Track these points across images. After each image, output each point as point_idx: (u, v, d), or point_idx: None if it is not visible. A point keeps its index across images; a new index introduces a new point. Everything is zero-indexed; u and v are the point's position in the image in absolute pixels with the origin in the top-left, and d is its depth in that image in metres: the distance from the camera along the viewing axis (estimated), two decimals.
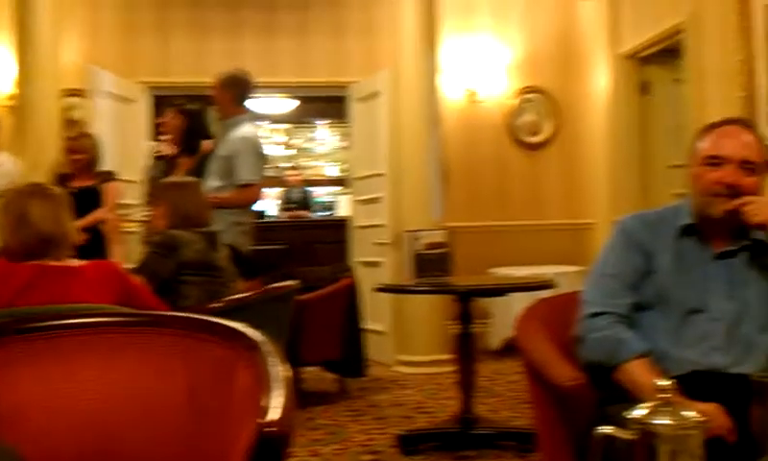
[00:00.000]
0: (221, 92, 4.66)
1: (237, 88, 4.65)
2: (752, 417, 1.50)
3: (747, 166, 2.04)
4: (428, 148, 5.90)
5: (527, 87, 7.07)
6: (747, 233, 2.09)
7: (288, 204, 9.58)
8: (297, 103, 10.14)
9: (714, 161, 2.06)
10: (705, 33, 4.91)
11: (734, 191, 2.03)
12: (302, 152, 11.47)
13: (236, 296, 3.37)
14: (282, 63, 6.84)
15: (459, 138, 6.88)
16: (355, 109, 6.78)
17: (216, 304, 3.11)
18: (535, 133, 7.11)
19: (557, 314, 2.37)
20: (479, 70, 6.92)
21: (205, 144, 4.76)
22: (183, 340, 1.62)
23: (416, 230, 4.31)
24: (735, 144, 2.06)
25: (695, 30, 5.03)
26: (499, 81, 7.02)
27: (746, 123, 2.22)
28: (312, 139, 11.52)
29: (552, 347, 2.13)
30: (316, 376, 5.56)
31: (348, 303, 5.17)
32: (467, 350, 4.00)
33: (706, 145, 2.11)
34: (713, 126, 2.17)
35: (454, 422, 4.05)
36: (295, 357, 4.66)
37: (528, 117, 7.09)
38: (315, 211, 9.85)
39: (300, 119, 11.11)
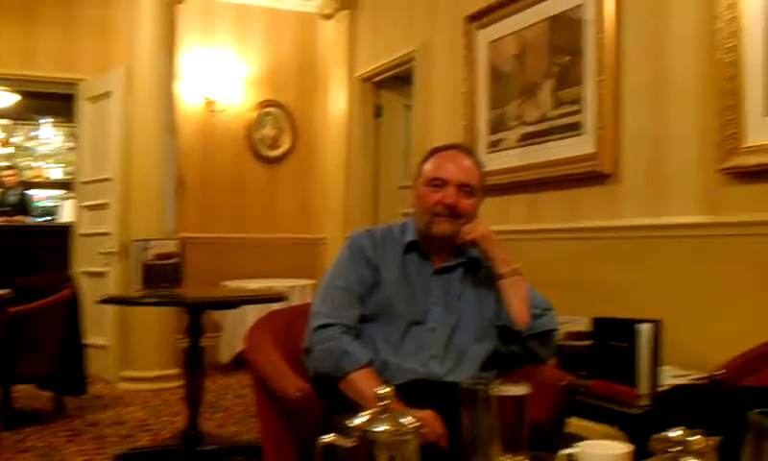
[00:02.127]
0: None
1: None
2: (461, 423, 1.59)
3: (465, 189, 2.20)
4: (162, 154, 5.69)
5: (267, 101, 7.10)
6: (464, 251, 2.25)
7: (3, 206, 8.77)
8: (18, 97, 9.34)
9: (437, 183, 2.19)
10: (433, 63, 5.23)
11: (454, 212, 2.18)
12: (22, 151, 10.58)
13: None
14: (3, 53, 6.26)
15: (196, 147, 6.74)
16: (84, 109, 6.38)
17: None
18: (273, 147, 7.15)
19: (287, 326, 2.38)
20: (219, 80, 6.83)
21: None
22: None
23: (145, 240, 4.12)
24: (456, 168, 2.21)
25: (425, 60, 5.34)
26: (239, 92, 6.98)
27: (466, 149, 2.38)
28: (34, 138, 10.66)
29: (280, 359, 2.13)
30: (30, 394, 5.12)
31: (68, 315, 4.82)
32: (195, 364, 3.89)
33: (429, 167, 2.24)
34: (437, 150, 2.30)
35: (179, 439, 3.93)
36: (6, 373, 4.27)
37: (267, 131, 7.12)
38: (34, 216, 9.10)
39: (21, 115, 10.25)
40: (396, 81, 6.13)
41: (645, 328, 2.68)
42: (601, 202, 3.76)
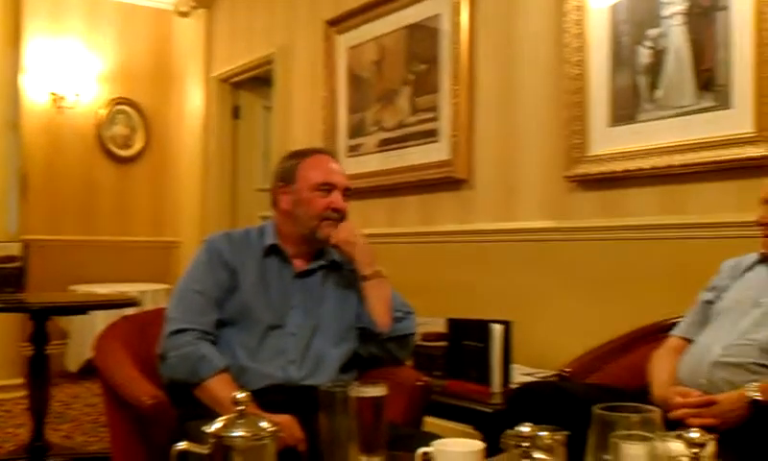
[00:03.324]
0: None
1: None
2: (319, 426, 1.59)
3: (347, 193, 2.25)
4: (4, 152, 5.36)
5: (119, 99, 6.83)
6: (325, 254, 2.26)
7: None
8: None
9: (326, 188, 2.20)
10: (293, 66, 5.21)
11: (341, 215, 2.22)
12: None
13: None
14: None
15: (42, 145, 6.39)
16: None
17: None
18: (126, 147, 6.89)
19: (140, 332, 2.31)
20: (68, 75, 6.51)
21: None
22: None
23: None
24: (340, 172, 2.26)
25: (284, 62, 5.31)
26: (89, 89, 6.68)
27: (333, 153, 2.41)
28: None
29: (132, 365, 2.06)
30: None
31: None
32: (40, 373, 3.69)
33: (315, 173, 2.22)
34: (308, 153, 2.30)
35: (23, 451, 3.72)
36: None
37: (119, 129, 6.85)
38: None
39: None
40: (255, 82, 6.06)
41: (497, 329, 2.78)
42: (456, 206, 3.86)
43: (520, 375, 2.90)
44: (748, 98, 2.65)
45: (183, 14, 6.64)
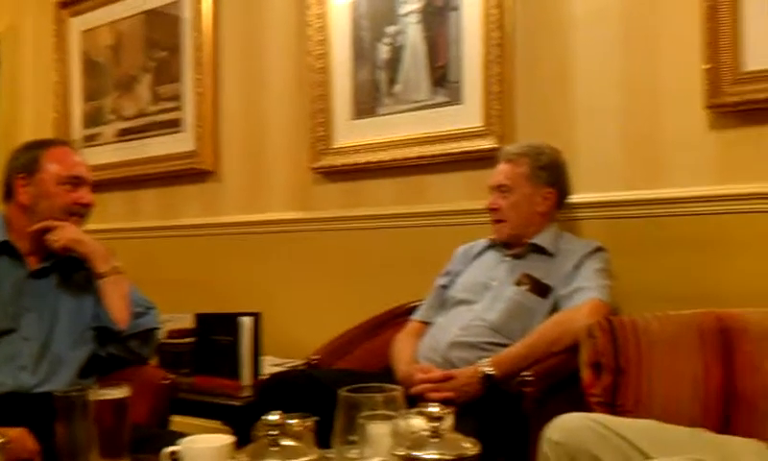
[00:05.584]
0: None
1: None
2: (57, 434, 1.49)
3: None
4: None
5: None
6: None
7: None
8: None
9: (75, 181, 2.10)
10: (20, 49, 4.81)
11: (87, 211, 2.14)
12: None
13: None
14: None
15: None
16: None
17: None
18: None
19: None
20: None
21: None
22: None
23: None
24: (85, 166, 2.17)
25: (10, 44, 4.88)
26: None
27: (78, 145, 2.31)
28: None
29: None
30: None
31: None
32: None
33: (62, 165, 2.11)
34: (49, 144, 2.19)
35: None
36: None
37: None
38: None
39: None
40: None
41: (246, 322, 2.77)
42: (202, 199, 3.78)
43: (270, 366, 2.91)
44: (477, 94, 2.84)
45: None
